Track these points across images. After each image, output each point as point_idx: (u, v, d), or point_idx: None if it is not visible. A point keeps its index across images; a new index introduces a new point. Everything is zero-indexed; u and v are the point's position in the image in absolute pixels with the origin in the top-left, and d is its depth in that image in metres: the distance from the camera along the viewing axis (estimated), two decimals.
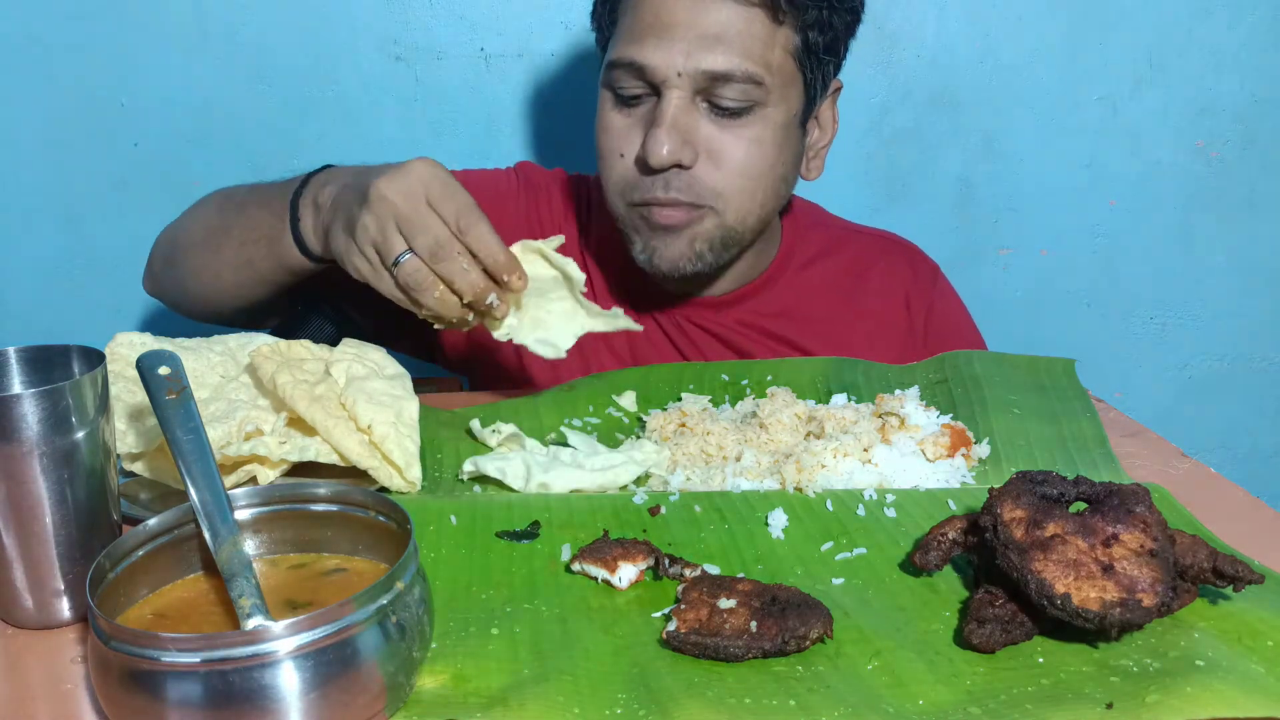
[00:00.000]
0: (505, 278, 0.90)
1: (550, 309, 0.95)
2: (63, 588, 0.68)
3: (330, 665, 0.54)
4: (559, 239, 0.94)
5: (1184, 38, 1.65)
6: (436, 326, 0.94)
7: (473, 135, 1.60)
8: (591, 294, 1.24)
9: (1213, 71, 1.67)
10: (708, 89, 1.08)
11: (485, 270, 0.90)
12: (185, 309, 1.23)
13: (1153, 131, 1.69)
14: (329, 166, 1.07)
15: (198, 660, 0.52)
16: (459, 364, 1.33)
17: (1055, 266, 1.75)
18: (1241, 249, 1.77)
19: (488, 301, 0.90)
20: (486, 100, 1.59)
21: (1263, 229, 1.76)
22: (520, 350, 1.24)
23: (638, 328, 0.96)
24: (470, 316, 0.92)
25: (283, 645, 0.53)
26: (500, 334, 0.94)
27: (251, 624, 0.57)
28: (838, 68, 1.19)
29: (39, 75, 1.53)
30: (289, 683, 0.53)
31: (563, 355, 0.94)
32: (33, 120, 1.55)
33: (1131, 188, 1.72)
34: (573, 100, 1.60)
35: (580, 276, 0.93)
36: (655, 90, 1.09)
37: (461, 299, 0.90)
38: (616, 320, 0.95)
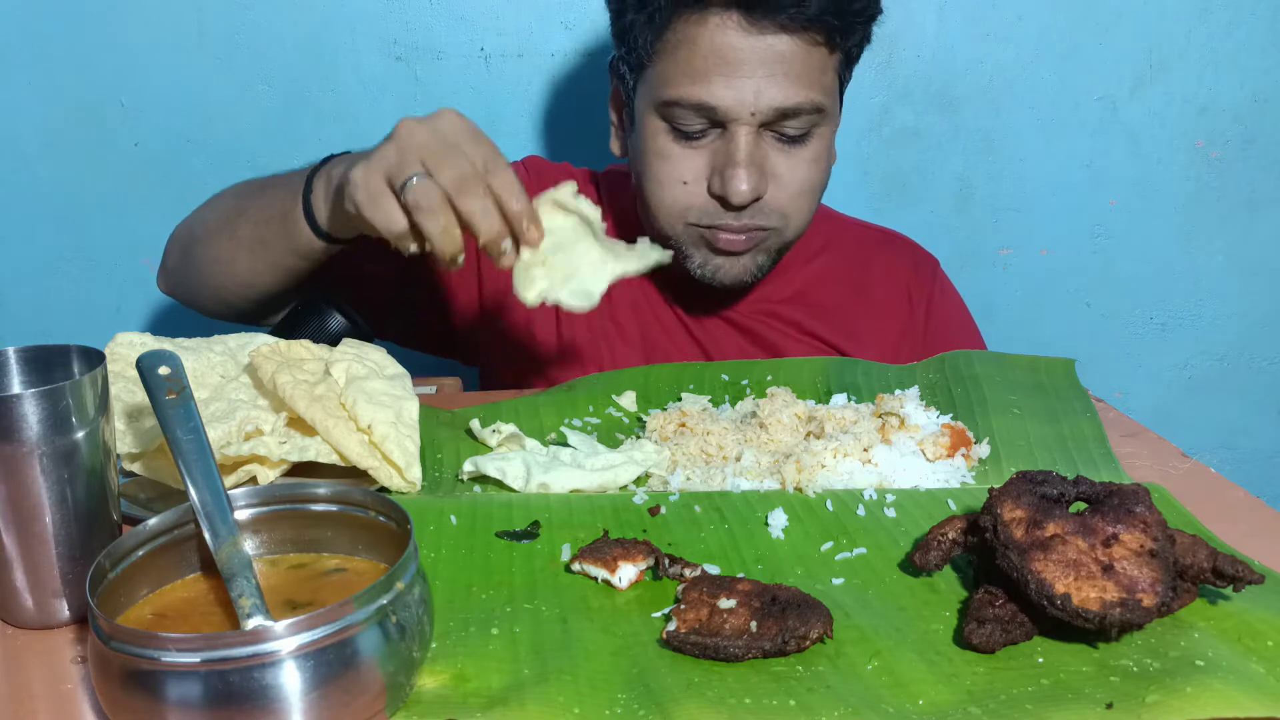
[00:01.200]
0: (525, 224, 0.89)
1: (578, 261, 0.93)
2: (63, 588, 0.68)
3: (330, 665, 0.54)
4: (571, 184, 0.92)
5: (1184, 38, 1.65)
6: (412, 249, 0.90)
7: None
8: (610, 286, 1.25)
9: (1213, 71, 1.67)
10: (773, 121, 1.10)
11: (504, 216, 0.89)
12: (200, 303, 1.23)
13: (1153, 131, 1.69)
14: (348, 152, 1.06)
15: (198, 660, 0.52)
16: (463, 352, 1.33)
17: (1055, 266, 1.75)
18: (1241, 249, 1.77)
19: (502, 247, 0.89)
20: (486, 100, 1.59)
21: (1263, 229, 1.76)
22: (531, 342, 1.25)
23: (667, 258, 0.94)
24: (460, 258, 0.90)
25: (283, 645, 0.53)
26: (533, 298, 0.92)
27: (251, 624, 0.57)
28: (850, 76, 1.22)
29: (39, 75, 1.53)
30: (289, 683, 0.53)
31: (595, 303, 0.92)
32: (33, 120, 1.55)
33: (1131, 188, 1.72)
34: (573, 100, 1.60)
35: (596, 213, 0.92)
36: (718, 124, 1.11)
37: (478, 237, 0.88)
38: (646, 257, 0.94)
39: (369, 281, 1.25)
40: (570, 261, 0.93)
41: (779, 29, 1.06)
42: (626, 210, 1.28)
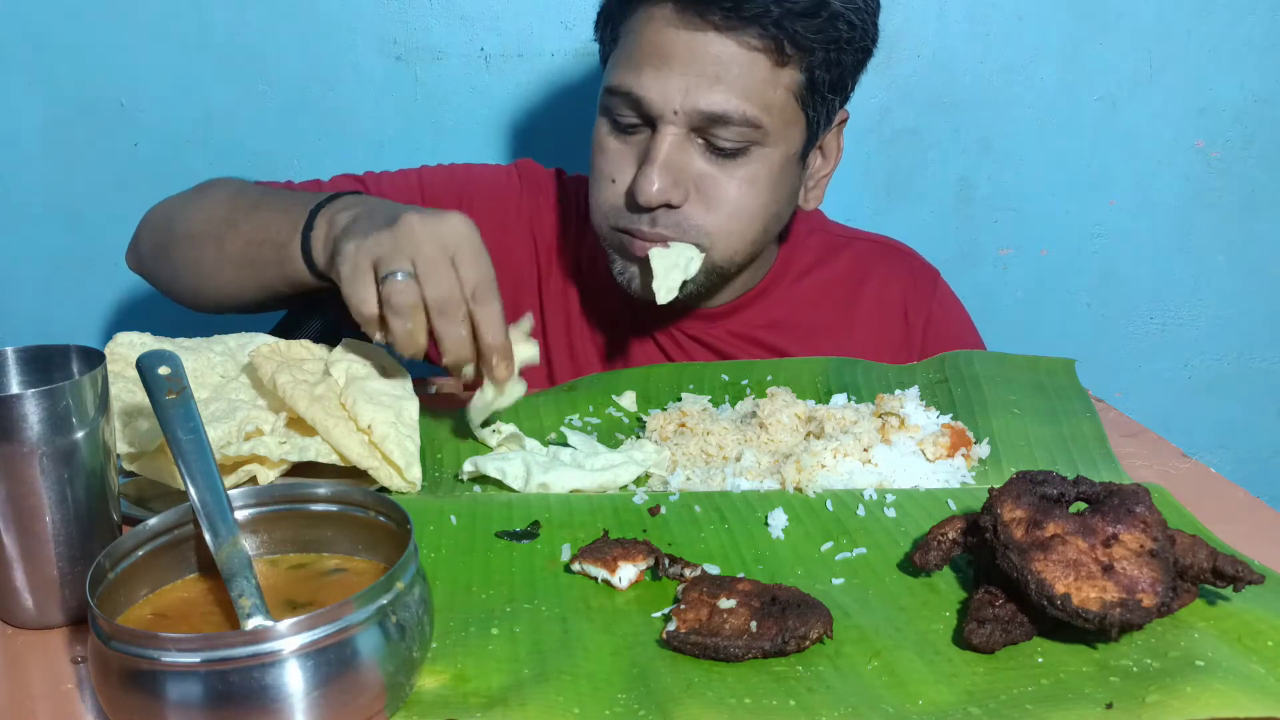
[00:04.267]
0: (493, 360, 0.89)
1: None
2: (62, 588, 0.68)
3: (330, 665, 0.54)
4: (528, 317, 0.94)
5: (1184, 38, 1.65)
6: (376, 337, 0.90)
7: (472, 135, 1.60)
8: (589, 302, 1.24)
9: (1213, 71, 1.67)
10: (704, 128, 1.05)
11: (477, 344, 0.89)
12: (173, 294, 1.20)
13: (1153, 131, 1.69)
14: (359, 193, 1.04)
15: (198, 660, 0.52)
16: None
17: (1055, 266, 1.75)
18: (1241, 249, 1.77)
19: (465, 371, 0.90)
20: (486, 100, 1.59)
21: (1263, 229, 1.76)
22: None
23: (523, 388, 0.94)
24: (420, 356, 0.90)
25: (283, 645, 0.53)
26: (493, 442, 0.95)
27: (251, 624, 0.57)
28: (845, 100, 1.15)
29: (39, 75, 1.53)
30: (289, 683, 0.53)
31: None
32: (33, 120, 1.55)
33: (1131, 188, 1.72)
34: (572, 100, 1.60)
35: (535, 352, 0.93)
36: (650, 123, 1.06)
37: (443, 356, 0.89)
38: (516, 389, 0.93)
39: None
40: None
41: (713, 28, 1.01)
42: None
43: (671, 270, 1.07)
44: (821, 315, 1.26)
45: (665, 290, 1.07)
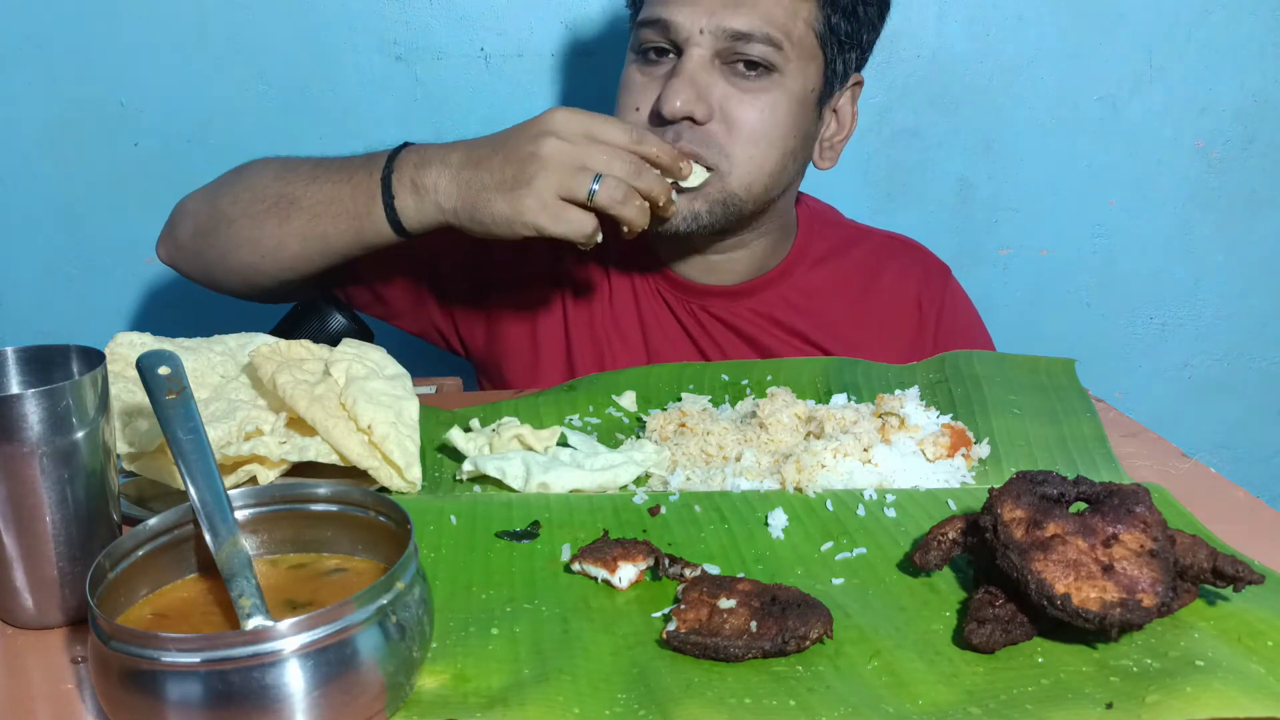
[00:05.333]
0: (681, 167, 1.06)
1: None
2: (62, 588, 0.68)
3: (330, 665, 0.54)
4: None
5: (1184, 38, 1.65)
6: (598, 239, 1.03)
7: (472, 135, 1.60)
8: (610, 286, 1.26)
9: (1213, 71, 1.67)
10: (728, 48, 1.11)
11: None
12: (214, 279, 1.22)
13: (1153, 131, 1.69)
14: (408, 145, 1.10)
15: (198, 660, 0.52)
16: (477, 352, 1.33)
17: (1055, 266, 1.75)
18: (1241, 249, 1.77)
19: (672, 196, 1.05)
20: (486, 100, 1.59)
21: (1263, 229, 1.76)
22: (534, 340, 1.25)
23: None
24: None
25: (283, 645, 0.53)
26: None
27: (251, 624, 0.57)
28: (860, 61, 1.22)
29: (39, 75, 1.53)
30: (289, 683, 0.53)
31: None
32: (33, 120, 1.55)
33: (1131, 188, 1.72)
34: (573, 100, 1.60)
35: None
36: (678, 50, 1.13)
37: (656, 203, 1.03)
38: None
39: (386, 271, 1.25)
40: None
41: None
42: None
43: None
44: (838, 304, 1.30)
45: (682, 217, 1.14)
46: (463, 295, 1.28)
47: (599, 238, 1.03)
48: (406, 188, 1.06)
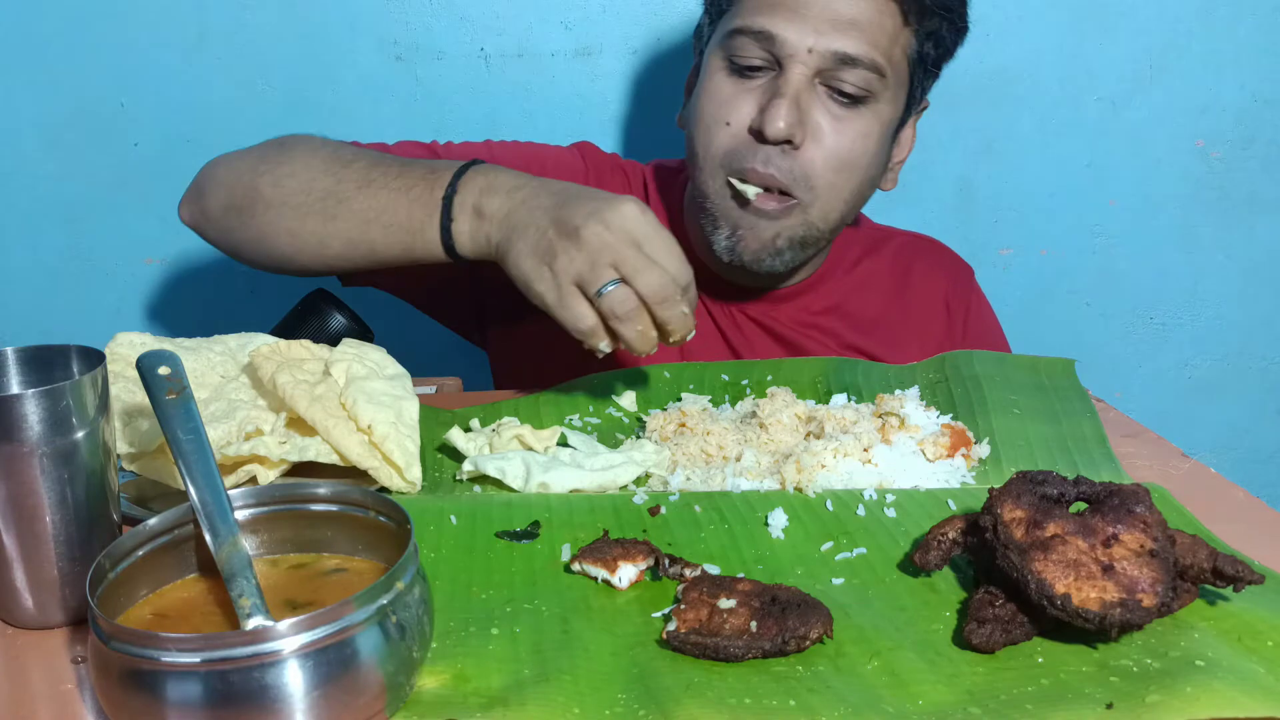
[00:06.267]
0: (687, 337, 0.94)
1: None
2: (63, 588, 0.68)
3: (330, 665, 0.54)
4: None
5: (1184, 38, 1.65)
6: (601, 346, 0.94)
7: (472, 135, 1.60)
8: None
9: (1213, 71, 1.67)
10: (830, 71, 1.09)
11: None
12: (239, 253, 1.14)
13: (1153, 131, 1.69)
14: (477, 163, 1.03)
15: (198, 660, 0.52)
16: (497, 343, 1.32)
17: (1055, 266, 1.75)
18: (1241, 249, 1.77)
19: (689, 337, 0.94)
20: (486, 100, 1.59)
21: (1263, 229, 1.76)
22: (552, 335, 1.23)
23: None
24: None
25: (283, 645, 0.53)
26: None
27: (251, 624, 0.57)
28: (929, 88, 1.21)
29: (39, 75, 1.53)
30: (289, 683, 0.53)
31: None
32: (33, 120, 1.55)
33: (1131, 188, 1.72)
34: (573, 100, 1.60)
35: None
36: (777, 63, 1.10)
37: (669, 338, 0.93)
38: None
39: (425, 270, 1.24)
40: None
41: None
42: (673, 206, 1.27)
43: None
44: (875, 303, 1.30)
45: (757, 253, 1.12)
46: (499, 298, 1.23)
47: (603, 348, 0.93)
48: (468, 211, 0.99)
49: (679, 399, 1.03)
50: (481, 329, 1.33)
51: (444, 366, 1.46)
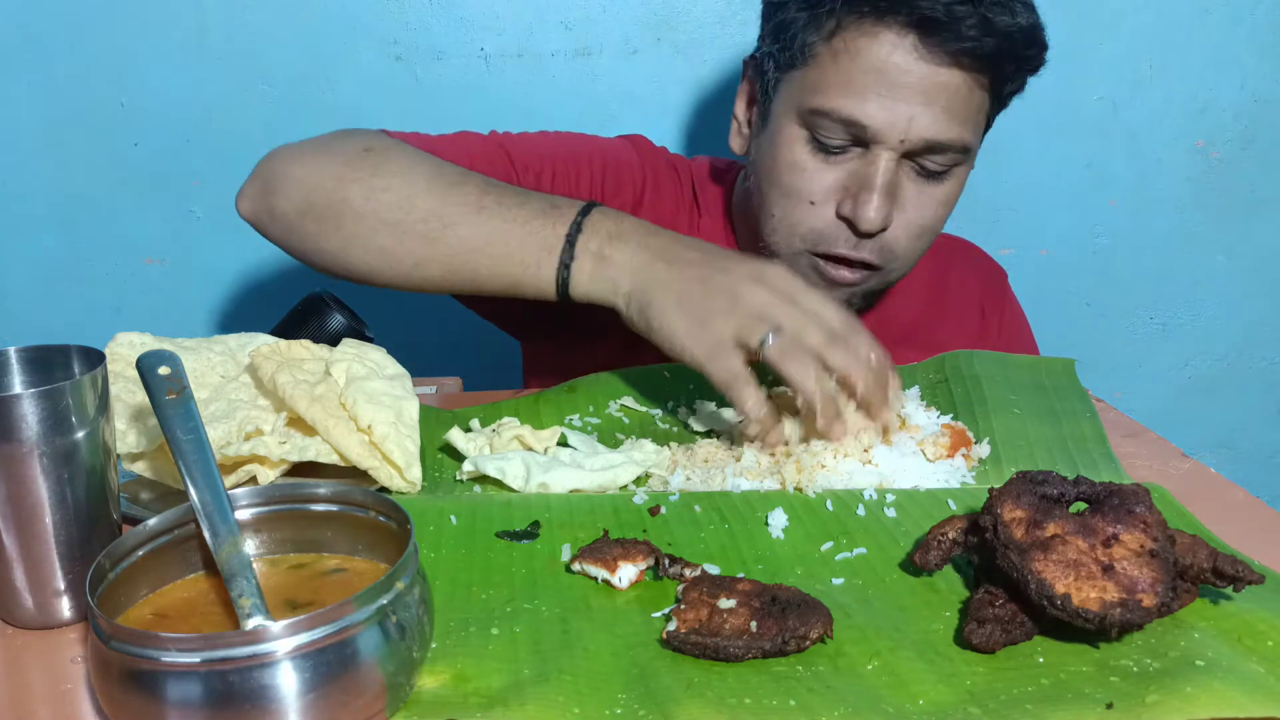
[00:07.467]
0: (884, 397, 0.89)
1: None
2: (63, 588, 0.68)
3: (330, 665, 0.54)
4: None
5: (1184, 38, 1.65)
6: (755, 440, 0.91)
7: None
8: None
9: (1213, 71, 1.67)
10: (918, 153, 1.05)
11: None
12: (309, 261, 1.06)
13: (1153, 131, 1.69)
14: (597, 204, 0.98)
15: (198, 660, 0.52)
16: (525, 325, 1.30)
17: (1055, 266, 1.75)
18: (1241, 249, 1.77)
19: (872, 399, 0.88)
20: (486, 100, 1.59)
21: (1263, 229, 1.76)
22: (590, 344, 1.22)
23: None
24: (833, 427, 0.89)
25: (283, 645, 0.53)
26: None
27: (251, 624, 0.57)
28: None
29: (39, 75, 1.53)
30: (289, 683, 0.53)
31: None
32: (33, 120, 1.55)
33: (1131, 188, 1.72)
34: (573, 100, 1.60)
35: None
36: (861, 144, 1.06)
37: (855, 388, 0.88)
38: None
39: None
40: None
41: (951, 62, 1.02)
42: (720, 205, 1.26)
43: None
44: (910, 309, 1.29)
45: None
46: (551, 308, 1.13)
47: (758, 417, 0.89)
48: (590, 253, 0.94)
49: (679, 399, 1.03)
50: (524, 330, 1.32)
51: (444, 366, 1.47)
